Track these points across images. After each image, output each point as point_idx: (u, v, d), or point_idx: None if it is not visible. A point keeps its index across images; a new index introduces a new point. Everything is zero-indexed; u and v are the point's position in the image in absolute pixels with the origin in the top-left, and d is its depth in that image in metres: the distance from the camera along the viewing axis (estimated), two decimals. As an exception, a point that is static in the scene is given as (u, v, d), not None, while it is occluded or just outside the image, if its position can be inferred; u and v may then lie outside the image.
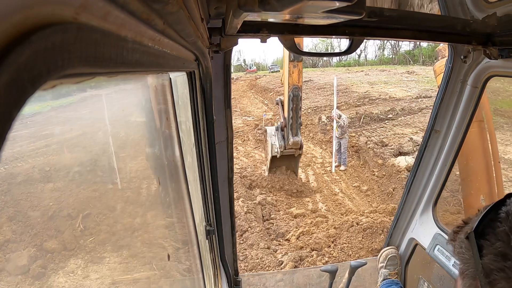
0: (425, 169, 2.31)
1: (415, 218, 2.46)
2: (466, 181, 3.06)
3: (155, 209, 1.44)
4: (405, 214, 2.52)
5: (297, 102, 8.28)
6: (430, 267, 2.28)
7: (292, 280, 2.95)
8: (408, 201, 2.48)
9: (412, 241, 2.50)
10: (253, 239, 6.79)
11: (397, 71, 32.34)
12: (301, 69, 8.15)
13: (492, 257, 0.68)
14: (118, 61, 0.29)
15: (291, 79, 8.13)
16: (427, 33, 1.51)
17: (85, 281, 1.51)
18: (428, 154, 2.27)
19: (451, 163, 2.19)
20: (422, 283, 2.37)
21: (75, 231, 1.51)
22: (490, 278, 0.67)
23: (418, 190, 2.40)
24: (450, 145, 2.14)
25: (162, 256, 1.47)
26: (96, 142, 1.01)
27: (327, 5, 0.50)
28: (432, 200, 2.35)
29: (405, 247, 2.57)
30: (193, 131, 1.20)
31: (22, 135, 0.60)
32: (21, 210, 1.37)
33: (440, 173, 2.24)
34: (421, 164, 2.32)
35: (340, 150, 11.11)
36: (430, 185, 2.32)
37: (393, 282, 2.48)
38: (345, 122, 10.94)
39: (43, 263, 1.67)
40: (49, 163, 1.12)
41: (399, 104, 17.54)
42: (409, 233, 2.52)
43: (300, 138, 8.61)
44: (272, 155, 8.88)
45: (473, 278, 0.73)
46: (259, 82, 34.45)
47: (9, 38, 0.15)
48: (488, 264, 0.68)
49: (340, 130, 10.85)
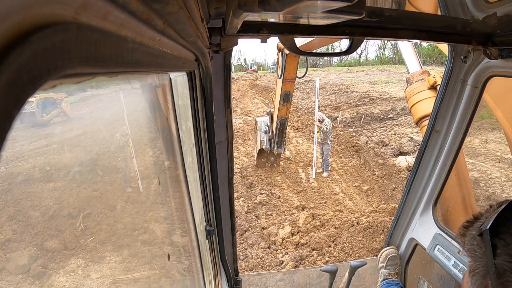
0: (425, 169, 2.31)
1: (415, 218, 2.46)
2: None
3: (155, 209, 1.44)
4: (405, 214, 2.52)
5: (283, 128, 10.16)
6: (430, 267, 2.28)
7: (292, 280, 2.95)
8: (408, 201, 2.48)
9: (412, 241, 2.50)
10: (253, 239, 6.80)
11: (398, 70, 32.33)
12: (289, 107, 9.65)
13: (507, 258, 0.66)
14: (118, 61, 0.29)
15: (280, 113, 9.66)
16: (427, 33, 1.51)
17: (85, 281, 1.52)
18: (428, 154, 2.27)
19: (451, 163, 2.19)
20: (422, 283, 2.37)
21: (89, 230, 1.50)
22: (502, 279, 0.65)
23: (418, 190, 2.40)
24: (450, 145, 2.14)
25: (162, 256, 1.48)
26: (95, 142, 1.02)
27: (327, 5, 0.50)
28: (432, 200, 2.35)
29: (405, 247, 2.56)
30: (193, 131, 1.20)
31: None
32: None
33: (440, 173, 2.24)
34: (421, 164, 2.31)
35: (322, 156, 10.79)
36: (430, 185, 2.31)
37: (393, 282, 2.48)
38: (328, 127, 10.59)
39: (46, 263, 1.67)
40: (49, 162, 1.12)
41: (400, 104, 17.53)
42: (409, 233, 2.52)
43: (283, 149, 10.80)
44: (261, 147, 10.57)
45: (483, 277, 0.70)
46: (259, 81, 34.51)
47: (9, 38, 0.15)
48: (501, 265, 0.66)
49: (323, 135, 10.52)
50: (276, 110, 9.72)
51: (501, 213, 0.72)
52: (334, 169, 11.30)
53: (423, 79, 3.98)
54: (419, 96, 3.94)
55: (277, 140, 10.38)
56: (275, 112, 9.88)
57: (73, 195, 5.18)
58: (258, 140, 10.61)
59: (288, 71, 8.32)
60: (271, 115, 10.33)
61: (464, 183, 3.06)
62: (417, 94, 3.97)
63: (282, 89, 8.89)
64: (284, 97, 9.14)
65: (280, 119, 9.84)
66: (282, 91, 8.96)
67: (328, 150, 10.85)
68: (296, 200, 9.07)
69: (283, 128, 10.13)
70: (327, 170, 10.83)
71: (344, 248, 6.27)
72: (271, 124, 10.31)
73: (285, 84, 8.75)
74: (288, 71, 8.31)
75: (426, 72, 4.06)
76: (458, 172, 3.01)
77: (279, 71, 8.59)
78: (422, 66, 4.26)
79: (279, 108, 9.48)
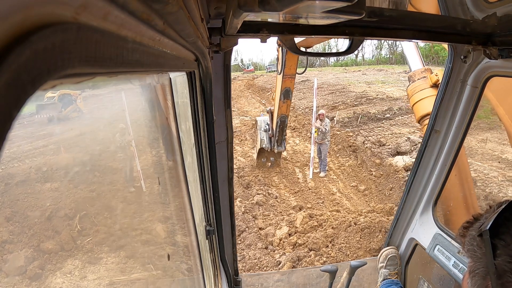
0: (425, 169, 2.31)
1: (415, 218, 2.46)
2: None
3: (155, 209, 1.45)
4: (405, 214, 2.52)
5: (283, 125, 10.10)
6: (430, 267, 2.28)
7: (292, 280, 2.95)
8: (408, 201, 2.48)
9: (412, 241, 2.50)
10: (250, 240, 6.78)
11: (395, 70, 32.35)
12: (289, 104, 9.60)
13: (507, 258, 0.66)
14: (118, 61, 0.29)
15: (280, 111, 9.62)
16: (427, 33, 1.51)
17: (82, 282, 1.52)
18: (428, 154, 2.27)
19: (451, 163, 2.19)
20: (422, 283, 2.37)
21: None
22: (503, 279, 0.65)
23: (418, 190, 2.40)
24: (450, 145, 2.14)
25: (162, 256, 1.48)
26: (94, 142, 1.02)
27: (327, 5, 0.50)
28: (432, 200, 2.35)
29: (405, 247, 2.56)
30: (193, 131, 1.20)
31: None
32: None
33: (440, 173, 2.24)
34: (421, 164, 2.31)
35: (321, 156, 10.80)
36: (430, 185, 2.31)
37: (393, 282, 2.48)
38: (327, 128, 10.68)
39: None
40: (47, 163, 1.12)
41: (397, 104, 17.54)
42: (409, 233, 2.52)
43: (283, 147, 10.74)
44: (261, 147, 10.58)
45: (483, 278, 0.70)
46: (256, 81, 34.48)
47: (9, 38, 0.15)
48: (502, 265, 0.66)
49: (322, 135, 10.55)
50: (276, 107, 9.71)
51: (500, 213, 0.72)
52: (331, 169, 11.28)
53: (426, 77, 3.91)
54: (421, 94, 3.88)
55: (277, 138, 10.33)
56: (275, 109, 9.85)
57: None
58: (258, 139, 10.61)
59: (288, 66, 8.31)
60: (271, 113, 10.32)
61: (466, 183, 3.05)
62: (419, 92, 3.91)
63: (282, 85, 8.87)
64: (284, 94, 9.11)
65: (280, 116, 9.80)
66: (282, 87, 8.93)
67: (326, 150, 10.87)
68: (293, 200, 9.06)
69: (283, 125, 10.08)
70: (325, 170, 10.83)
71: (341, 249, 6.25)
72: (271, 123, 10.30)
73: (285, 80, 8.73)
74: (288, 66, 8.30)
75: (428, 70, 3.99)
76: (460, 172, 2.99)
77: (279, 67, 8.56)
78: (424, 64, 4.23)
79: (279, 105, 9.47)
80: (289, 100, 9.41)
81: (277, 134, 10.26)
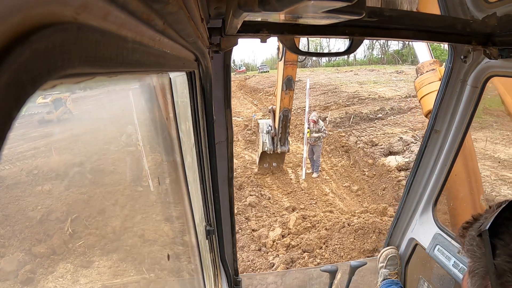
0: (425, 169, 2.31)
1: (415, 218, 2.46)
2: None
3: (155, 209, 1.44)
4: (405, 214, 2.52)
5: (286, 121, 9.69)
6: (430, 267, 2.28)
7: (292, 280, 2.95)
8: (408, 201, 2.48)
9: (412, 241, 2.50)
10: (243, 241, 6.74)
11: (386, 70, 32.22)
12: (292, 95, 9.27)
13: (507, 258, 0.66)
14: (118, 61, 0.29)
15: (283, 103, 9.31)
16: (427, 33, 1.51)
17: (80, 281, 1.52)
18: (428, 154, 2.27)
19: (451, 163, 2.19)
20: (422, 283, 2.37)
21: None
22: (502, 279, 0.65)
23: (418, 190, 2.40)
24: (450, 145, 2.14)
25: (162, 256, 1.48)
26: (91, 143, 1.02)
27: (327, 5, 0.50)
28: (432, 200, 2.35)
29: (405, 247, 2.57)
30: (193, 131, 1.20)
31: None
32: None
33: (440, 173, 2.24)
34: (421, 164, 2.31)
35: (313, 157, 10.68)
36: (430, 185, 2.32)
37: (393, 282, 2.48)
38: (326, 133, 10.62)
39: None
40: (38, 165, 1.12)
41: (389, 104, 17.53)
42: (409, 233, 2.52)
43: (287, 147, 10.27)
44: (263, 150, 10.15)
45: (483, 278, 0.70)
46: (248, 82, 34.32)
47: (9, 38, 0.15)
48: (501, 265, 0.66)
49: (315, 137, 10.45)
50: (278, 100, 9.40)
51: (500, 213, 0.72)
52: (324, 170, 11.22)
53: (435, 69, 3.70)
54: (430, 88, 3.67)
55: (281, 136, 9.90)
56: (277, 101, 9.54)
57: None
58: (260, 143, 10.21)
59: (289, 52, 8.25)
60: (273, 112, 10.09)
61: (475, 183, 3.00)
62: (427, 85, 3.70)
63: (284, 73, 8.68)
64: (287, 83, 8.90)
65: (283, 111, 9.41)
66: (284, 75, 8.74)
67: (319, 151, 10.79)
68: (286, 201, 9.00)
69: (286, 121, 9.66)
70: (317, 171, 10.76)
71: (335, 250, 6.17)
72: (273, 122, 10.07)
73: (287, 67, 8.55)
74: (289, 52, 8.25)
75: (437, 62, 3.77)
76: (469, 171, 2.95)
77: (279, 54, 8.34)
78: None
79: (281, 97, 9.17)
80: (292, 90, 9.11)
81: (280, 132, 9.79)
